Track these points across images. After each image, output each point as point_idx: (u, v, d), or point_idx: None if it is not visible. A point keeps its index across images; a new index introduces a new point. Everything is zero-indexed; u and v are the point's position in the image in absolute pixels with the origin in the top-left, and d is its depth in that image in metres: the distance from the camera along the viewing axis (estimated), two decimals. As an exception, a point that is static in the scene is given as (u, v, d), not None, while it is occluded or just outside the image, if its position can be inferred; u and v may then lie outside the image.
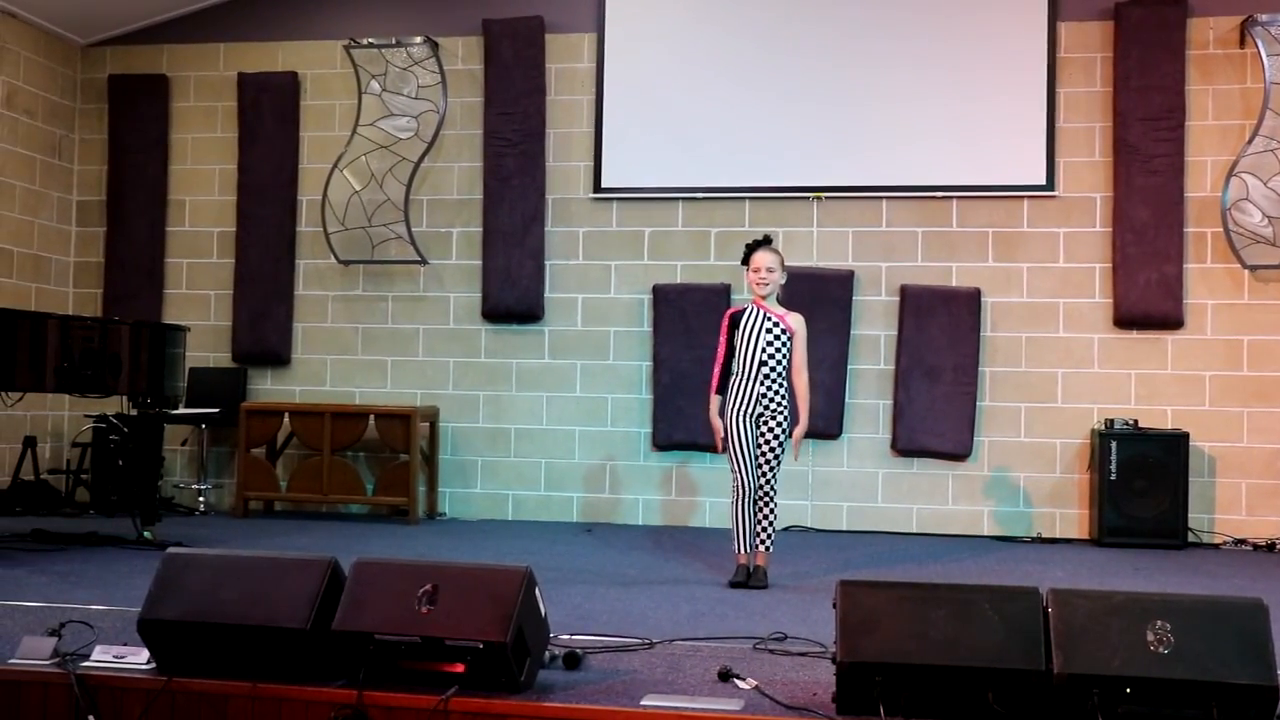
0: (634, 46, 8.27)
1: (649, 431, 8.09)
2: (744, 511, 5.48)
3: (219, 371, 8.59)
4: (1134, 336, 7.67)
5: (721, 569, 5.89)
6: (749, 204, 8.10)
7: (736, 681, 3.40)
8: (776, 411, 5.47)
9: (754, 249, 5.56)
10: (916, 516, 7.82)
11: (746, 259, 5.58)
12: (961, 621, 3.08)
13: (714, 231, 8.13)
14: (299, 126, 8.69)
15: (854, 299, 7.93)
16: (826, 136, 8.03)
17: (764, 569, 5.47)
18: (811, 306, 7.60)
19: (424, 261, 8.40)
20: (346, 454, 8.14)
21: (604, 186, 8.26)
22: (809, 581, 5.64)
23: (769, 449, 5.47)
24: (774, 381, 5.48)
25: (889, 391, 7.88)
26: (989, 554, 6.88)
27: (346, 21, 8.68)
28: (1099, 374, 7.69)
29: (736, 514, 5.50)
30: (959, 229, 7.88)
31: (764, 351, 5.47)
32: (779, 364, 5.48)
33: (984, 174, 7.85)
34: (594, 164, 8.29)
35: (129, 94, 8.87)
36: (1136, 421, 7.37)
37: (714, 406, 5.60)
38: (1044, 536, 7.59)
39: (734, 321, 5.58)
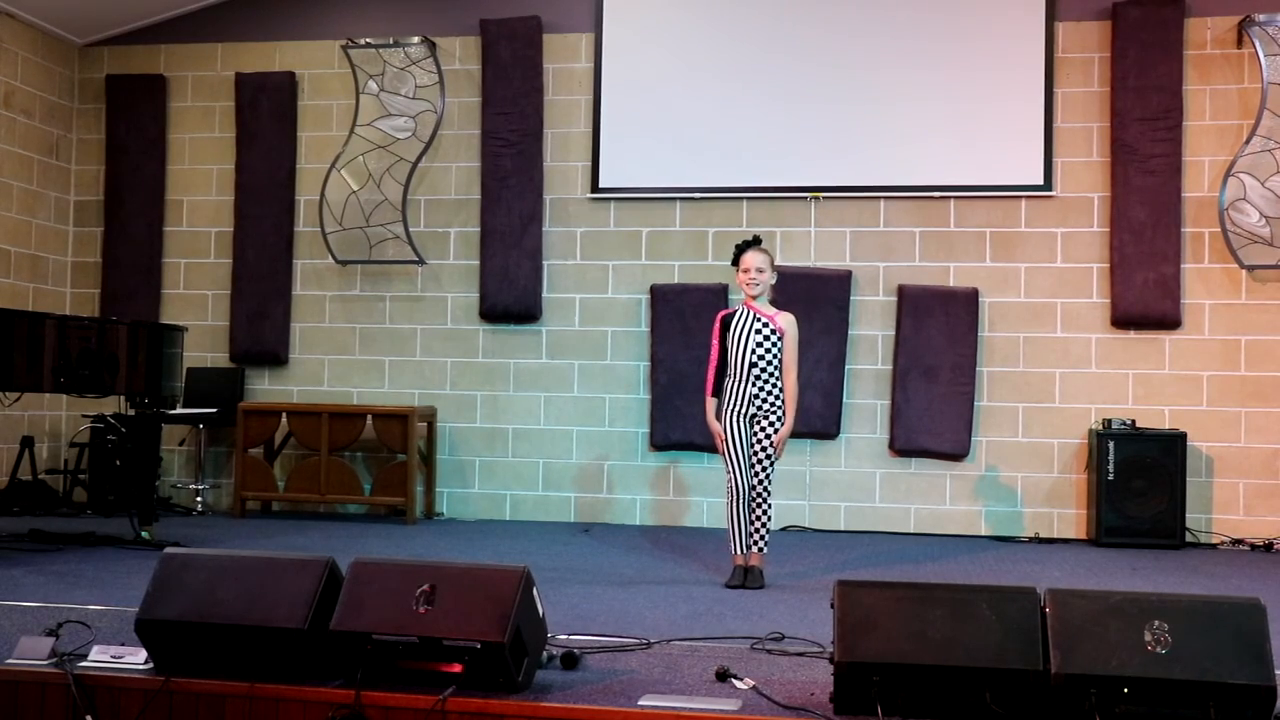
0: (632, 46, 8.28)
1: (646, 431, 8.09)
2: (739, 513, 5.48)
3: (216, 371, 8.59)
4: (1132, 336, 7.68)
5: (719, 569, 5.89)
6: (747, 204, 8.11)
7: (734, 681, 3.40)
8: (770, 411, 5.47)
9: (743, 250, 5.57)
10: (914, 516, 7.82)
11: (736, 260, 5.59)
12: (959, 621, 3.08)
13: (711, 232, 8.13)
14: (296, 126, 8.69)
15: (852, 299, 7.93)
16: (824, 137, 8.03)
17: (760, 570, 5.48)
18: (809, 306, 7.63)
19: (422, 261, 8.40)
20: (344, 454, 8.13)
21: (601, 187, 8.26)
22: (807, 581, 5.65)
23: (763, 450, 5.47)
24: (766, 382, 5.48)
25: (887, 391, 7.89)
26: (987, 554, 6.88)
27: (344, 21, 8.68)
28: (1097, 374, 7.70)
29: (732, 515, 5.50)
30: (957, 229, 7.89)
31: (754, 352, 5.47)
32: (770, 364, 5.48)
33: (982, 174, 7.85)
34: (591, 164, 8.29)
35: (127, 94, 8.86)
36: (1134, 421, 7.37)
37: (710, 410, 5.61)
38: (1041, 536, 7.59)
39: (725, 324, 5.59)
